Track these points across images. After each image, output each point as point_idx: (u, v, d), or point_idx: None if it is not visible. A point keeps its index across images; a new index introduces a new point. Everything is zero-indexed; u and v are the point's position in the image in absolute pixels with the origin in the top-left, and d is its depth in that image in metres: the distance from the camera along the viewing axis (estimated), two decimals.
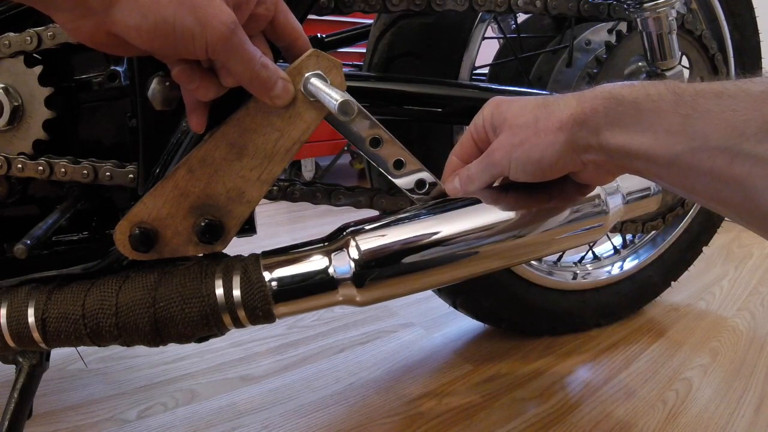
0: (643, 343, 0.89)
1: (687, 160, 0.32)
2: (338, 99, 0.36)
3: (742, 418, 0.70)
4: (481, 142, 0.46)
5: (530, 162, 0.40)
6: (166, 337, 0.43)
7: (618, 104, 0.36)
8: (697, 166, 0.32)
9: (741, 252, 1.31)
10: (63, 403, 0.73)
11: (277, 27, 0.40)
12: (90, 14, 0.31)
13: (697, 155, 0.32)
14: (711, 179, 0.32)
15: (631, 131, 0.35)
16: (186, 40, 0.33)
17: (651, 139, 0.34)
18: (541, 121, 0.40)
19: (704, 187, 0.33)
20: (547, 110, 0.40)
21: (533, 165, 0.40)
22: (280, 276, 0.43)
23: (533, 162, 0.40)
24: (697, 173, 0.32)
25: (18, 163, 0.46)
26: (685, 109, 0.32)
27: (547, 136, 0.39)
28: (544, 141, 0.39)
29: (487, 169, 0.44)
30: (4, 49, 0.45)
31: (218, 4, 0.33)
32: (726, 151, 0.30)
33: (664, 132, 0.33)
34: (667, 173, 0.35)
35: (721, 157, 0.30)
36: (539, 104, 0.41)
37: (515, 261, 0.48)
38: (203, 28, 0.33)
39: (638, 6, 0.62)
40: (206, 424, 0.69)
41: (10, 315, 0.42)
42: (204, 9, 0.32)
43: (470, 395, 0.76)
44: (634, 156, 0.36)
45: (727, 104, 0.30)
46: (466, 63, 0.66)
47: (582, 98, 0.38)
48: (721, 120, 0.30)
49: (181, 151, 0.43)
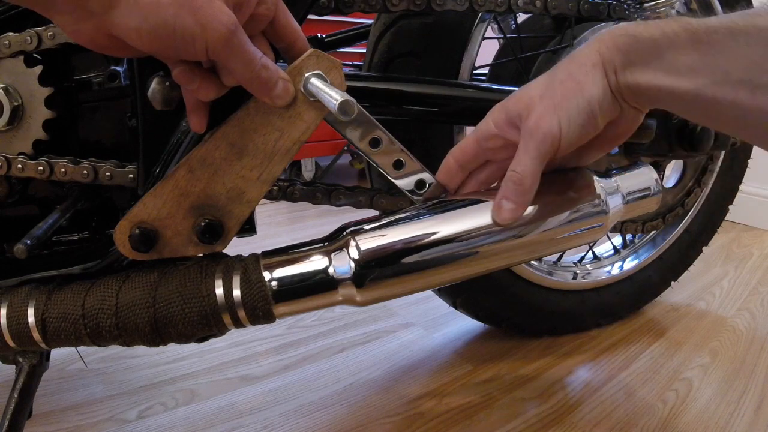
0: (643, 343, 0.89)
1: (710, 94, 0.34)
2: (338, 99, 0.36)
3: (742, 418, 0.70)
4: (488, 149, 0.45)
5: (581, 109, 0.39)
6: (166, 337, 0.43)
7: (636, 41, 0.37)
8: (721, 99, 0.34)
9: (741, 252, 1.31)
10: (63, 403, 0.73)
11: (277, 28, 0.40)
12: (90, 16, 0.31)
13: (720, 88, 0.33)
14: (735, 109, 0.33)
15: (651, 68, 0.36)
16: (186, 42, 0.33)
17: (674, 76, 0.35)
18: (572, 69, 0.40)
19: (729, 118, 0.35)
20: (575, 59, 0.40)
21: (585, 110, 0.39)
22: (280, 276, 0.43)
23: (583, 107, 0.39)
24: (722, 105, 0.34)
25: (18, 163, 0.46)
26: (702, 46, 0.34)
27: (587, 76, 0.39)
28: (586, 80, 0.39)
29: (537, 149, 0.40)
30: (4, 49, 0.44)
31: (218, 6, 0.33)
32: (747, 84, 0.32)
33: (685, 68, 0.35)
34: (693, 107, 0.36)
35: (743, 89, 0.32)
36: (562, 63, 0.41)
37: (515, 261, 0.48)
38: (203, 29, 0.33)
39: (638, 6, 0.62)
40: (206, 424, 0.69)
41: (10, 315, 0.42)
42: (204, 10, 0.32)
43: (470, 395, 0.76)
44: (658, 92, 0.37)
45: (742, 39, 0.32)
46: (466, 63, 0.66)
47: (601, 39, 0.39)
48: (739, 55, 0.32)
49: (181, 151, 0.43)
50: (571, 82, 0.39)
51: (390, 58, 0.64)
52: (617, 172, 0.53)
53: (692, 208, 0.91)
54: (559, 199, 0.47)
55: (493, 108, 0.45)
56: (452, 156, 0.47)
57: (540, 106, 0.40)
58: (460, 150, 0.47)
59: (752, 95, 0.32)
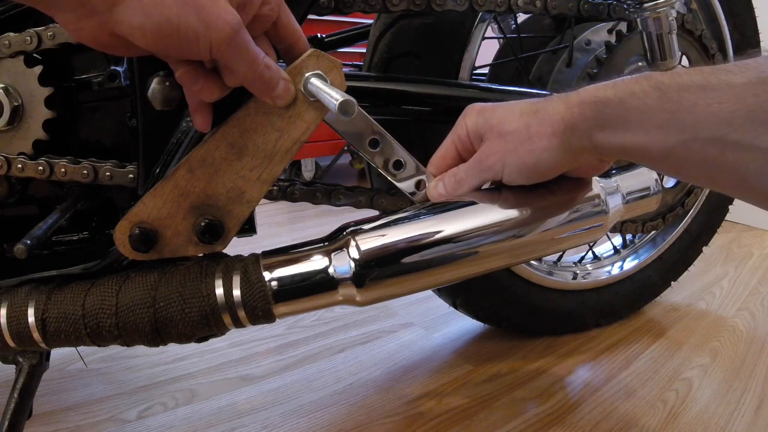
0: (643, 343, 0.89)
1: (680, 152, 0.34)
2: (339, 99, 0.36)
3: (742, 418, 0.70)
4: (465, 151, 0.47)
5: (526, 167, 0.41)
6: (166, 337, 0.43)
7: (605, 106, 0.37)
8: (691, 157, 0.34)
9: (741, 252, 1.31)
10: (63, 403, 0.73)
11: (279, 28, 0.40)
12: (93, 14, 0.31)
13: (690, 147, 0.33)
14: (706, 167, 0.33)
15: (622, 131, 0.37)
16: (190, 41, 0.33)
17: (643, 136, 0.36)
18: (532, 126, 0.40)
19: (700, 174, 0.35)
20: (538, 116, 0.41)
21: (529, 170, 0.41)
22: (280, 276, 0.43)
23: (529, 167, 0.41)
24: (692, 163, 0.34)
25: (18, 163, 0.46)
26: (671, 105, 0.34)
27: (541, 141, 0.40)
28: (539, 146, 0.40)
29: (479, 173, 0.44)
30: (4, 49, 0.44)
31: (223, 5, 0.33)
32: (717, 141, 0.32)
33: (654, 128, 0.35)
34: (663, 164, 0.36)
35: (712, 147, 0.32)
36: (528, 110, 0.42)
37: (515, 261, 0.48)
38: (207, 28, 0.32)
39: (638, 6, 0.62)
40: (206, 424, 0.69)
41: (10, 315, 0.42)
42: (208, 9, 0.32)
43: (470, 395, 0.76)
44: (629, 153, 0.37)
45: (712, 97, 0.32)
46: (466, 63, 0.66)
47: (569, 103, 0.39)
48: (708, 113, 0.32)
49: (181, 151, 0.43)
50: (528, 143, 0.41)
51: (390, 58, 0.64)
52: (617, 172, 0.54)
53: (692, 208, 0.91)
54: (559, 199, 0.47)
55: (471, 110, 0.46)
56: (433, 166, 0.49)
57: (495, 142, 0.43)
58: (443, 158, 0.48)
59: (722, 153, 0.32)
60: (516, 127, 0.41)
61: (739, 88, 0.31)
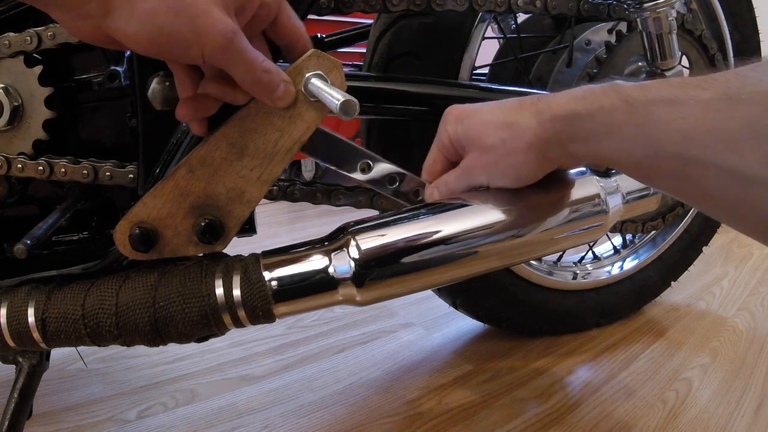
0: (643, 343, 0.89)
1: (647, 165, 0.35)
2: (340, 99, 0.36)
3: (742, 418, 0.70)
4: (451, 156, 0.48)
5: (509, 179, 0.43)
6: (166, 337, 0.43)
7: (576, 119, 0.38)
8: (656, 170, 0.35)
9: (741, 252, 1.31)
10: (63, 403, 0.73)
11: (280, 27, 0.40)
12: (88, 17, 0.31)
13: (655, 160, 0.34)
14: (671, 180, 0.35)
15: (594, 142, 0.38)
16: (182, 49, 0.33)
17: (612, 148, 0.37)
18: (508, 142, 0.41)
19: (667, 186, 0.36)
20: (511, 131, 0.41)
21: (512, 181, 0.43)
22: (280, 276, 0.43)
23: (511, 179, 0.43)
24: (658, 175, 0.35)
25: (18, 163, 0.46)
26: (638, 119, 0.35)
27: (518, 156, 0.41)
28: (517, 161, 0.42)
29: (468, 183, 0.46)
30: (4, 49, 0.44)
31: (216, 14, 0.33)
32: (678, 157, 0.33)
33: (622, 141, 0.36)
34: (635, 174, 0.38)
35: (675, 162, 0.33)
36: (502, 123, 0.42)
37: (515, 261, 0.48)
38: (201, 37, 0.32)
39: (638, 6, 0.62)
40: (206, 424, 0.69)
41: (10, 315, 0.42)
42: (201, 19, 0.32)
43: (470, 395, 0.76)
44: (603, 162, 0.39)
45: (678, 112, 0.33)
46: (466, 63, 0.66)
47: (541, 116, 0.40)
48: (673, 128, 0.33)
49: (181, 151, 0.43)
50: (506, 158, 0.42)
51: (390, 58, 0.64)
52: (617, 172, 0.53)
53: (692, 208, 0.91)
54: (559, 199, 0.47)
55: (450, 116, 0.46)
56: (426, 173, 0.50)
57: (477, 155, 0.44)
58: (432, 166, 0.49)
59: (683, 168, 0.33)
60: (493, 142, 0.42)
61: (704, 104, 0.31)
